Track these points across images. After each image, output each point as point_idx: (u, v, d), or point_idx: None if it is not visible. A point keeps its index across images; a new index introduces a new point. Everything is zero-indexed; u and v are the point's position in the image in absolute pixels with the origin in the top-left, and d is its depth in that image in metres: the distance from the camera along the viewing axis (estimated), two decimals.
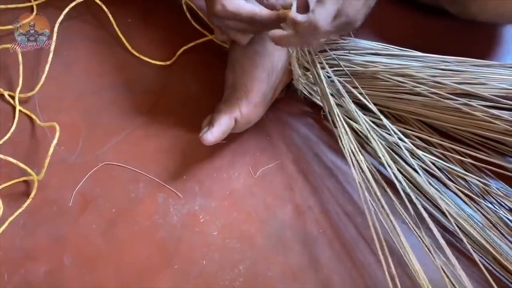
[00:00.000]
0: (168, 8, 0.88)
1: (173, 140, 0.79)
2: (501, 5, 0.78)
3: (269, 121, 0.80)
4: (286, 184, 0.77)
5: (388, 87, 0.77)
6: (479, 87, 0.73)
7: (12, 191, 0.75)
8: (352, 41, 0.82)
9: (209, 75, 0.84)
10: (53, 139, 0.75)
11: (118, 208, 0.74)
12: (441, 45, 0.84)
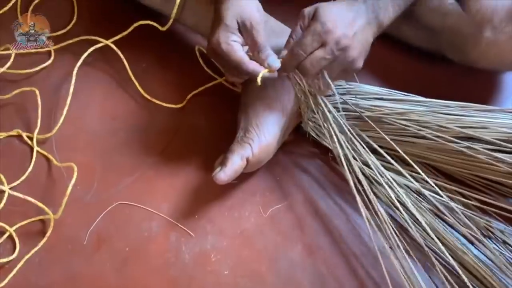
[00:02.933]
0: (182, 53, 0.92)
1: (185, 180, 0.82)
2: (501, 53, 0.82)
3: (279, 162, 0.83)
4: (295, 224, 0.78)
5: (393, 130, 0.79)
6: (482, 131, 0.76)
7: (28, 230, 0.77)
8: (358, 86, 0.85)
9: (220, 116, 0.87)
10: (70, 179, 0.78)
11: (131, 247, 0.76)
12: (443, 90, 0.87)
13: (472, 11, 0.81)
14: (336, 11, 0.70)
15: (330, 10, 0.69)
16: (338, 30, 0.68)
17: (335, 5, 0.71)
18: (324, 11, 0.69)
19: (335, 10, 0.70)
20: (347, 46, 0.69)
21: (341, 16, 0.70)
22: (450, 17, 0.83)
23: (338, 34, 0.68)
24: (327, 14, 0.69)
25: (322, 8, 0.70)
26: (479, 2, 0.80)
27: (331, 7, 0.70)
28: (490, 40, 0.80)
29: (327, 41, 0.68)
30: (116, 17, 0.92)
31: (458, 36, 0.83)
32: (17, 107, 0.87)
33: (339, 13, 0.70)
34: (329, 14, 0.69)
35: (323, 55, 0.69)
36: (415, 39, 0.92)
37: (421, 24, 0.88)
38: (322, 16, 0.69)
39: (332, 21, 0.68)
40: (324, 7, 0.70)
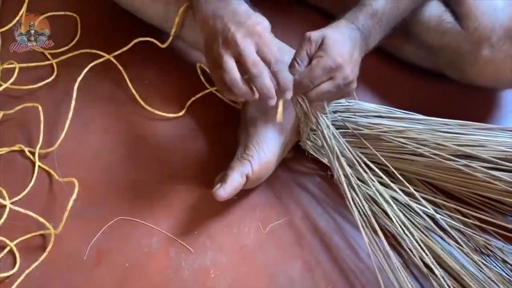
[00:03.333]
0: (183, 70, 0.92)
1: (185, 196, 0.82)
2: (498, 70, 0.83)
3: (278, 178, 0.83)
4: (295, 240, 0.79)
5: (391, 147, 0.80)
6: (479, 149, 0.77)
7: (28, 244, 0.77)
8: (357, 104, 0.86)
9: (221, 133, 0.87)
10: (71, 194, 0.78)
11: (131, 262, 0.76)
12: (442, 108, 0.87)
13: (470, 29, 0.82)
14: (341, 42, 0.71)
15: (336, 42, 0.71)
16: (347, 67, 0.71)
17: (339, 33, 0.72)
18: (332, 42, 0.71)
19: (340, 41, 0.71)
20: (352, 81, 0.72)
21: (346, 48, 0.71)
22: (448, 35, 0.84)
23: (347, 71, 0.71)
24: (336, 48, 0.70)
25: (330, 38, 0.71)
26: (477, 21, 0.81)
27: (336, 37, 0.71)
28: (488, 58, 0.81)
29: (335, 77, 0.71)
30: (119, 34, 0.93)
31: (457, 54, 0.85)
32: (19, 122, 0.87)
33: (344, 45, 0.71)
34: (337, 47, 0.70)
35: (330, 88, 0.71)
36: (414, 57, 0.94)
37: (420, 42, 0.89)
38: (331, 49, 0.70)
39: (341, 56, 0.70)
40: (330, 36, 0.71)
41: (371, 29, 0.75)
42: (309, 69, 0.71)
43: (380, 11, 0.75)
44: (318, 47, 0.71)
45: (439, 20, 0.85)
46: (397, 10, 0.77)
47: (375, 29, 0.76)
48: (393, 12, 0.76)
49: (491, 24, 0.81)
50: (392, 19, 0.77)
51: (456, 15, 0.84)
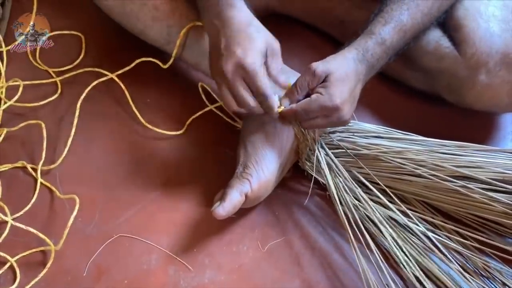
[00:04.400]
0: (185, 89, 0.94)
1: (185, 214, 0.83)
2: (495, 96, 0.84)
3: (277, 197, 0.84)
4: (293, 259, 0.79)
5: (390, 168, 0.81)
6: (477, 171, 0.77)
7: (28, 260, 0.78)
8: (356, 124, 0.86)
9: (221, 152, 0.88)
10: (72, 210, 0.79)
11: (130, 279, 0.77)
12: (440, 129, 0.88)
13: (468, 54, 0.83)
14: (344, 81, 0.72)
15: (340, 81, 0.72)
16: (345, 109, 0.73)
17: (345, 69, 0.73)
18: (336, 81, 0.72)
19: (344, 79, 0.73)
20: (348, 119, 0.74)
21: (348, 87, 0.73)
22: (446, 60, 0.85)
23: (343, 112, 0.73)
24: (338, 88, 0.72)
25: (334, 76, 0.72)
26: (474, 46, 0.82)
27: (341, 75, 0.72)
28: (485, 83, 0.82)
29: (331, 116, 0.73)
30: (123, 54, 0.94)
31: (454, 79, 0.86)
32: (22, 139, 0.88)
33: (347, 84, 0.73)
34: (339, 87, 0.72)
35: (323, 123, 0.75)
36: (413, 80, 0.95)
37: (418, 66, 0.90)
38: (333, 88, 0.72)
39: (340, 97, 0.72)
40: (335, 74, 0.72)
41: (379, 57, 0.77)
42: (306, 102, 0.73)
43: (388, 40, 0.76)
44: (321, 81, 0.73)
45: (437, 45, 0.86)
46: (404, 38, 0.78)
47: (382, 58, 0.77)
48: (400, 41, 0.78)
49: (488, 49, 0.82)
50: (398, 47, 0.78)
51: (453, 40, 0.85)
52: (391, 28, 0.76)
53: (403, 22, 0.77)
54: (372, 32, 0.76)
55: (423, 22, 0.79)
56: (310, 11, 0.99)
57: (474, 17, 0.83)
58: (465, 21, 0.84)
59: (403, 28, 0.77)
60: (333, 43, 1.00)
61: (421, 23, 0.79)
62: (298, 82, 0.74)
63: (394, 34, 0.77)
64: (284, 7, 0.99)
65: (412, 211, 0.79)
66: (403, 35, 0.78)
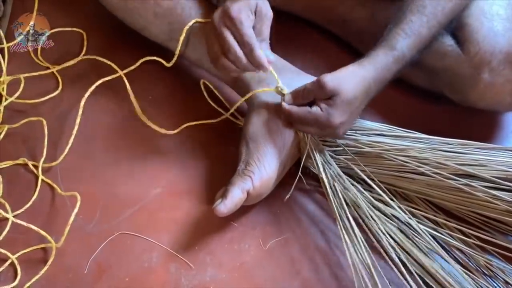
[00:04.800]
0: (187, 86, 0.93)
1: (186, 212, 0.82)
2: (498, 94, 0.83)
3: (279, 195, 0.83)
4: (295, 258, 0.79)
5: (392, 166, 0.80)
6: (480, 169, 0.77)
7: (29, 258, 0.77)
8: (359, 122, 0.86)
9: (222, 149, 0.88)
10: (73, 208, 0.79)
11: (131, 277, 0.77)
12: (443, 127, 0.88)
13: (471, 53, 0.83)
14: (350, 103, 0.74)
15: (346, 103, 0.73)
16: (341, 129, 0.75)
17: (354, 90, 0.74)
18: (341, 103, 0.73)
19: (351, 101, 0.74)
20: (341, 136, 0.77)
21: (351, 108, 0.74)
22: (449, 58, 0.85)
23: (338, 131, 0.75)
24: (340, 110, 0.73)
25: (341, 98, 0.73)
26: (478, 45, 0.82)
27: (348, 98, 0.73)
28: (488, 82, 0.82)
29: (325, 130, 0.75)
30: (124, 51, 0.94)
31: (457, 77, 0.85)
32: (24, 136, 0.88)
33: (351, 105, 0.74)
34: (342, 109, 0.73)
35: (315, 132, 0.77)
36: (416, 79, 0.94)
37: (421, 65, 0.89)
38: (335, 109, 0.73)
39: (340, 119, 0.74)
40: (343, 96, 0.73)
41: (395, 73, 0.77)
42: (304, 112, 0.75)
43: (408, 55, 0.77)
44: (327, 97, 0.74)
45: (440, 43, 0.85)
46: (420, 51, 0.78)
47: (397, 72, 0.78)
48: (417, 54, 0.79)
49: (492, 48, 0.81)
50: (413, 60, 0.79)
51: (457, 38, 0.85)
52: (412, 42, 0.77)
53: (422, 35, 0.77)
54: (393, 47, 0.76)
55: (438, 32, 0.80)
56: (312, 9, 0.99)
57: (477, 16, 0.83)
58: (468, 20, 0.83)
59: (422, 41, 0.77)
60: (336, 40, 1.00)
61: (435, 33, 0.79)
62: (305, 89, 0.75)
63: (414, 48, 0.77)
64: (286, 5, 0.99)
65: (415, 209, 0.79)
66: (421, 48, 0.78)
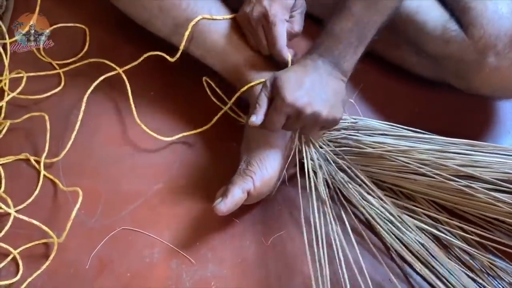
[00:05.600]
0: (189, 83, 0.93)
1: (188, 208, 0.83)
2: (504, 79, 0.82)
3: (280, 192, 0.83)
4: (296, 254, 0.79)
5: (394, 166, 0.80)
6: (482, 170, 0.77)
7: (31, 253, 0.78)
8: (362, 120, 0.86)
9: (223, 147, 0.88)
10: (75, 203, 0.79)
11: (132, 272, 0.77)
12: (444, 122, 0.89)
13: (475, 37, 0.82)
14: (294, 80, 0.74)
15: (287, 81, 0.73)
16: (310, 105, 0.72)
17: (293, 71, 0.75)
18: (282, 83, 0.73)
19: (292, 78, 0.74)
20: (329, 116, 0.74)
21: (302, 83, 0.73)
22: (453, 44, 0.84)
23: (312, 109, 0.72)
24: (286, 87, 0.73)
25: (280, 79, 0.74)
26: (482, 29, 0.81)
27: (287, 76, 0.74)
28: (493, 66, 0.81)
29: (299, 116, 0.73)
30: (127, 46, 0.94)
31: (462, 63, 0.84)
32: (26, 132, 0.88)
33: (300, 80, 0.74)
34: (288, 86, 0.73)
35: (299, 125, 0.75)
36: (419, 67, 0.94)
37: (425, 52, 0.89)
38: (281, 89, 0.73)
39: (292, 93, 0.72)
40: (280, 77, 0.74)
41: (334, 48, 0.76)
42: (267, 114, 0.73)
43: (336, 29, 0.76)
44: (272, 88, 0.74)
45: (443, 29, 0.85)
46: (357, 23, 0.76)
47: (339, 48, 0.76)
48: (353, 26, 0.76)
49: (497, 32, 0.80)
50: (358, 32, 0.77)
51: (461, 23, 0.84)
52: (336, 17, 0.76)
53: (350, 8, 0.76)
54: (325, 31, 0.77)
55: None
56: (313, 2, 0.98)
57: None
58: (472, 4, 0.82)
59: (350, 12, 0.76)
60: None
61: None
62: (257, 98, 0.75)
63: (341, 21, 0.76)
64: None
65: (418, 208, 0.79)
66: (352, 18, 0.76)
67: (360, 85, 0.94)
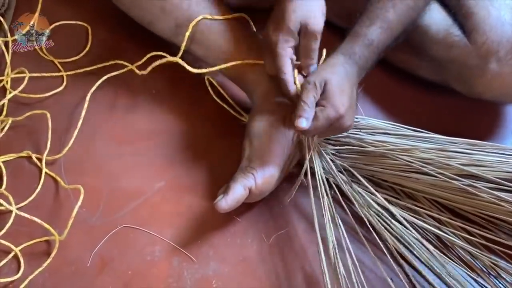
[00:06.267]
0: (191, 82, 0.92)
1: (189, 206, 0.83)
2: (505, 84, 0.83)
3: (282, 190, 0.83)
4: (298, 252, 0.79)
5: (396, 165, 0.80)
6: (485, 170, 0.77)
7: (33, 250, 0.78)
8: (364, 119, 0.86)
9: (225, 145, 0.88)
10: (76, 201, 0.79)
11: (134, 270, 0.77)
12: (447, 123, 0.88)
13: (478, 43, 0.82)
14: (341, 87, 0.72)
15: (337, 88, 0.72)
16: (348, 116, 0.73)
17: (338, 76, 0.73)
18: (334, 89, 0.72)
19: (341, 86, 0.73)
20: (350, 125, 0.75)
21: (346, 93, 0.73)
22: (456, 48, 0.85)
23: (346, 119, 0.73)
24: (337, 96, 0.72)
25: (331, 84, 0.72)
26: (485, 35, 0.82)
27: (337, 82, 0.72)
28: (495, 72, 0.82)
29: (334, 124, 0.73)
30: (129, 45, 0.94)
31: (464, 68, 0.85)
32: (28, 129, 0.88)
33: (344, 90, 0.73)
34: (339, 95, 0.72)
35: (328, 134, 0.77)
36: (422, 70, 0.94)
37: (427, 56, 0.89)
38: (333, 98, 0.71)
39: (342, 105, 0.72)
40: (332, 82, 0.72)
41: (367, 58, 0.76)
42: (315, 120, 0.71)
43: (375, 40, 0.76)
44: (322, 91, 0.72)
45: (446, 33, 0.85)
46: (391, 36, 0.78)
47: (371, 59, 0.77)
48: (388, 39, 0.77)
49: (499, 38, 0.81)
50: (386, 45, 0.78)
51: (464, 28, 0.84)
52: (377, 28, 0.76)
53: (389, 20, 0.76)
54: (358, 34, 0.76)
55: (411, 16, 0.79)
56: None
57: (485, 5, 0.83)
58: (475, 9, 0.83)
59: (390, 26, 0.76)
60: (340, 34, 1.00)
61: (408, 17, 0.78)
62: (305, 99, 0.71)
63: (381, 34, 0.76)
64: None
65: (420, 208, 0.79)
66: (390, 33, 0.77)
67: (362, 85, 0.94)
